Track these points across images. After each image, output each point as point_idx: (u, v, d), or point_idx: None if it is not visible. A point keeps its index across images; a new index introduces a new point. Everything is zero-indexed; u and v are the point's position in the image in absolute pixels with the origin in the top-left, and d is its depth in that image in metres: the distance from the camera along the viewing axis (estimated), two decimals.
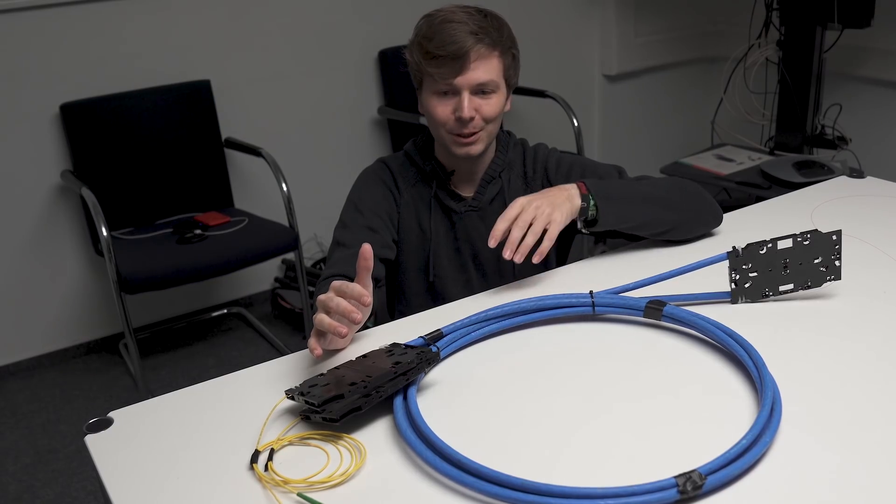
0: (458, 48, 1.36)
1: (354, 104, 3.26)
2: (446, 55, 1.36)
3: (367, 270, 1.12)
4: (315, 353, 1.09)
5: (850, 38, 3.23)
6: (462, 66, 1.37)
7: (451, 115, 1.41)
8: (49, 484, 2.29)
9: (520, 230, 1.27)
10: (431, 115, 1.43)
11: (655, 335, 1.17)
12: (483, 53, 1.38)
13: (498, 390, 1.06)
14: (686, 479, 0.82)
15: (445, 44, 1.36)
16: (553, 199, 1.32)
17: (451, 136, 1.44)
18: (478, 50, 1.37)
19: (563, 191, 1.35)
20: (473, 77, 1.38)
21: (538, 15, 3.60)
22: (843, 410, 0.96)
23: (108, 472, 0.94)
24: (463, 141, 1.43)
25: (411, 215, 1.53)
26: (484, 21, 1.39)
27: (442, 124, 1.43)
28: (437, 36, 1.37)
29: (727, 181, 3.17)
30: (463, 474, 0.86)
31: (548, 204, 1.30)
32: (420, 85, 1.46)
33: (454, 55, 1.36)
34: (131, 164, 2.78)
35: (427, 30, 1.39)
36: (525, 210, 1.29)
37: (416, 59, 1.41)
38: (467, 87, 1.39)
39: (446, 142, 1.45)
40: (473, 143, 1.44)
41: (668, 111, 4.11)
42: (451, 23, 1.37)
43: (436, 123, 1.44)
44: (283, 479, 0.89)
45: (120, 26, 2.76)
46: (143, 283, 2.40)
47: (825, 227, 1.50)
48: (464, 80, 1.38)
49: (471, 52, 1.36)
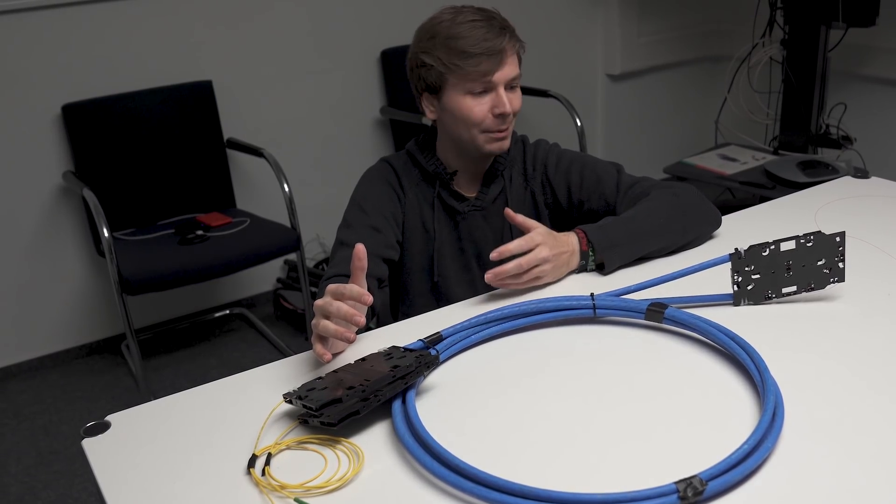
0: (493, 45, 1.38)
1: (356, 104, 3.26)
2: (483, 52, 1.38)
3: (361, 270, 1.12)
4: (325, 360, 1.09)
5: (854, 36, 3.22)
6: (500, 62, 1.40)
7: (487, 112, 1.42)
8: (51, 485, 2.29)
9: (517, 269, 1.28)
10: (465, 115, 1.43)
11: (657, 338, 1.16)
12: (512, 48, 1.42)
13: (497, 394, 1.05)
14: (687, 485, 0.81)
15: (480, 41, 1.38)
16: (558, 257, 1.32)
17: (486, 134, 1.45)
18: (511, 45, 1.41)
19: (568, 248, 1.35)
20: (509, 72, 1.42)
21: (541, 14, 3.59)
22: (846, 415, 0.95)
23: (104, 476, 0.94)
24: (499, 136, 1.45)
25: (415, 215, 1.53)
26: (502, 18, 1.43)
27: (478, 123, 1.43)
28: (469, 35, 1.38)
29: (731, 181, 3.15)
30: (462, 479, 0.85)
31: (552, 260, 1.31)
32: (440, 87, 1.44)
33: (490, 51, 1.38)
34: (133, 164, 2.77)
35: (453, 29, 1.40)
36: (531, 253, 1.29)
37: (444, 59, 1.40)
38: (503, 82, 1.42)
39: (479, 141, 1.45)
40: (506, 137, 1.46)
41: (672, 111, 4.10)
42: (476, 21, 1.40)
43: (470, 123, 1.43)
44: (281, 484, 0.89)
45: (121, 27, 2.76)
46: (145, 284, 2.40)
47: (829, 227, 1.49)
48: (501, 76, 1.41)
49: (507, 47, 1.40)
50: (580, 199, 1.52)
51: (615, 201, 1.49)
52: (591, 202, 1.51)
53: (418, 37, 1.44)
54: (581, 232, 1.37)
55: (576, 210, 1.53)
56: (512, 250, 1.28)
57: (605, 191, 1.50)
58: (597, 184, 1.50)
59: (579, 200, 1.52)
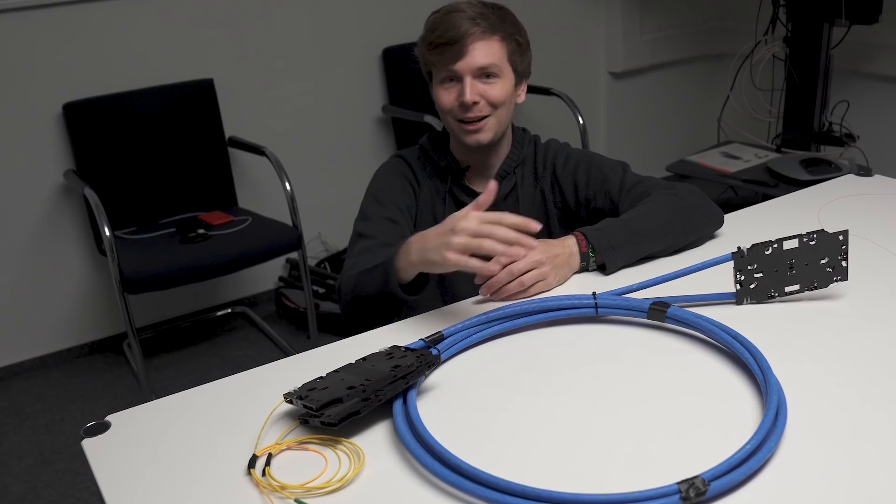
0: (454, 33, 1.39)
1: (358, 102, 3.25)
2: (445, 42, 1.40)
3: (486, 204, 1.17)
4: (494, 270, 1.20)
5: (857, 34, 3.21)
6: (460, 51, 1.40)
7: (454, 101, 1.43)
8: (52, 484, 2.29)
9: (508, 276, 1.27)
10: (438, 103, 1.46)
11: (659, 337, 1.16)
12: (480, 37, 1.40)
13: (499, 393, 1.04)
14: (689, 486, 0.81)
15: (445, 31, 1.40)
16: (555, 258, 1.32)
17: (458, 123, 1.45)
18: (474, 34, 1.40)
19: (565, 248, 1.34)
20: (473, 61, 1.41)
21: (544, 12, 3.58)
22: (849, 415, 0.94)
23: (104, 476, 0.93)
24: (470, 128, 1.45)
25: (427, 209, 1.54)
26: (484, 9, 1.42)
27: (448, 111, 1.45)
28: (440, 26, 1.41)
29: (734, 179, 3.15)
30: (463, 480, 0.85)
31: (548, 262, 1.30)
32: (430, 78, 1.49)
33: (451, 40, 1.39)
34: (134, 163, 2.77)
35: (432, 22, 1.44)
36: (523, 259, 1.28)
37: (422, 51, 1.45)
38: (468, 71, 1.41)
39: (455, 130, 1.47)
40: (481, 129, 1.45)
41: (675, 109, 4.09)
42: (452, 13, 1.41)
43: (443, 112, 1.46)
44: (281, 485, 0.88)
45: (123, 25, 2.76)
46: (147, 283, 2.40)
47: (832, 226, 1.48)
48: (464, 65, 1.41)
49: (467, 35, 1.39)
50: (587, 197, 1.52)
51: (619, 200, 1.49)
52: (597, 201, 1.51)
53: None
54: (580, 234, 1.37)
55: (583, 209, 1.53)
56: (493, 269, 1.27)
57: (610, 189, 1.49)
58: (602, 182, 1.50)
59: (586, 199, 1.52)
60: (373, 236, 1.43)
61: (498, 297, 1.29)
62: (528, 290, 1.28)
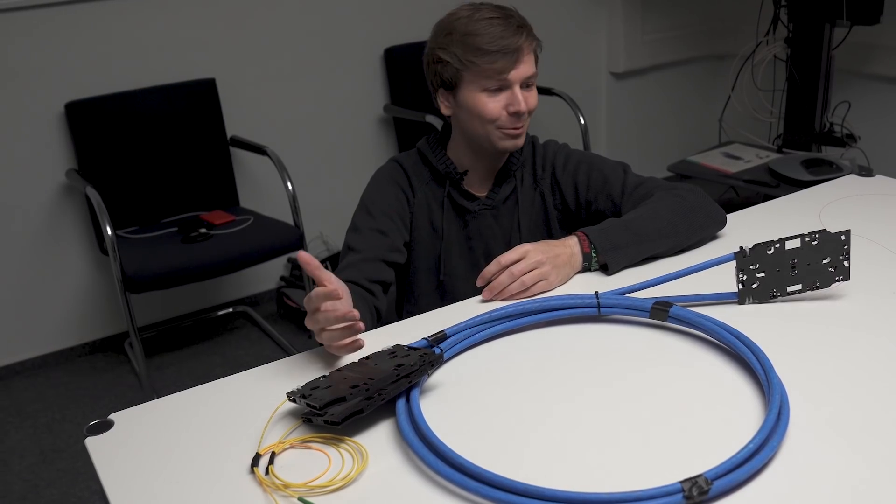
0: (510, 42, 1.38)
1: (360, 102, 3.25)
2: (499, 50, 1.38)
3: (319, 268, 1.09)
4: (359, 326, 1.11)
5: (858, 34, 3.21)
6: (516, 60, 1.40)
7: (502, 110, 1.42)
8: (54, 483, 2.29)
9: (509, 278, 1.28)
10: (480, 111, 1.43)
11: (661, 336, 1.16)
12: (528, 46, 1.42)
13: (502, 392, 1.04)
14: (692, 484, 0.81)
15: (499, 39, 1.38)
16: (556, 258, 1.32)
17: (501, 131, 1.45)
18: (528, 44, 1.41)
19: (566, 248, 1.34)
20: (525, 71, 1.41)
21: (545, 13, 3.58)
22: (852, 414, 0.95)
23: (107, 475, 0.93)
24: (514, 133, 1.45)
25: (423, 215, 1.53)
26: (520, 16, 1.43)
27: (492, 120, 1.43)
28: (486, 32, 1.38)
29: (735, 179, 3.15)
30: (466, 478, 0.85)
31: (549, 261, 1.30)
32: (456, 84, 1.44)
33: (506, 49, 1.38)
34: (136, 162, 2.77)
35: (470, 26, 1.40)
36: (524, 260, 1.29)
37: (460, 56, 1.40)
38: (519, 80, 1.41)
39: (493, 137, 1.45)
40: (520, 135, 1.46)
41: (676, 109, 4.09)
42: (494, 18, 1.40)
43: (484, 119, 1.43)
44: (284, 483, 0.88)
45: (125, 25, 2.76)
46: (148, 282, 2.40)
47: (834, 226, 1.49)
48: (517, 74, 1.41)
49: (523, 46, 1.40)
50: (587, 199, 1.52)
51: (621, 202, 1.49)
52: (599, 202, 1.50)
53: (435, 32, 1.45)
54: (582, 234, 1.37)
55: (584, 211, 1.53)
56: (492, 271, 1.29)
57: (611, 191, 1.49)
58: (603, 184, 1.50)
59: (587, 201, 1.52)
60: (359, 250, 1.42)
61: (500, 298, 1.29)
62: (530, 290, 1.28)
